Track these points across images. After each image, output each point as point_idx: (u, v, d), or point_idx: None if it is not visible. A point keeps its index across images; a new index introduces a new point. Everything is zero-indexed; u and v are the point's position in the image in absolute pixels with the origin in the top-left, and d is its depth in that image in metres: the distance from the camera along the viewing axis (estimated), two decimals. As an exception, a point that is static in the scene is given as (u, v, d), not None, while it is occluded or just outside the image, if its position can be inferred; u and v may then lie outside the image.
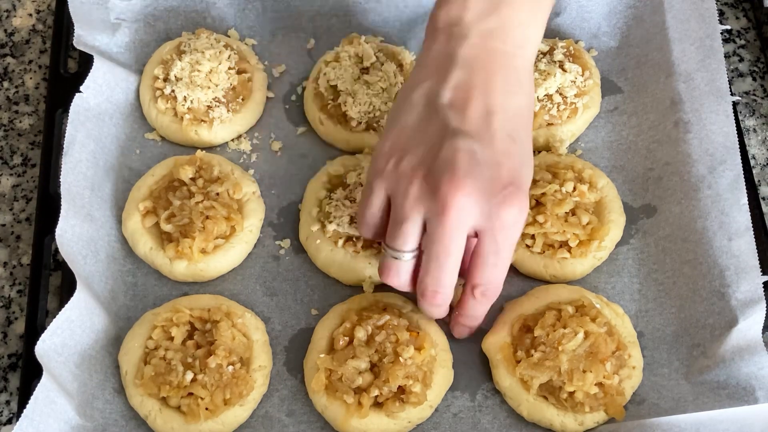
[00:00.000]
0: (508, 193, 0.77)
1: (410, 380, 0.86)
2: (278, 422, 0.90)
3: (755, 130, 1.08)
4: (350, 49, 1.04)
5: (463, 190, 0.76)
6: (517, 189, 0.78)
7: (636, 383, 0.89)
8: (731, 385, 0.86)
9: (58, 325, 0.85)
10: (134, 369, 0.89)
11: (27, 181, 1.06)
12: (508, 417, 0.90)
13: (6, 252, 1.02)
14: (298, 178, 1.04)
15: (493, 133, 0.78)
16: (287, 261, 0.99)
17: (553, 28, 1.11)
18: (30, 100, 1.11)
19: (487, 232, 0.78)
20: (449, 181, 0.76)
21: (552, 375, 0.86)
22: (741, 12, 1.16)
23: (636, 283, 0.96)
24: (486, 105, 0.78)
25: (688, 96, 1.00)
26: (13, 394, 0.94)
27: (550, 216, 0.93)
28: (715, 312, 0.90)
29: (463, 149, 0.76)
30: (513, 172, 0.78)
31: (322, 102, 1.04)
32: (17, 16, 1.17)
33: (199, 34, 1.07)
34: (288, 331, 0.95)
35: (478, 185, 0.76)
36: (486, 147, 0.77)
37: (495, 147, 0.78)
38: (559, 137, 1.02)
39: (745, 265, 0.90)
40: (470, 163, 0.76)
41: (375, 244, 0.95)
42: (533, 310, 0.92)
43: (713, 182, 0.95)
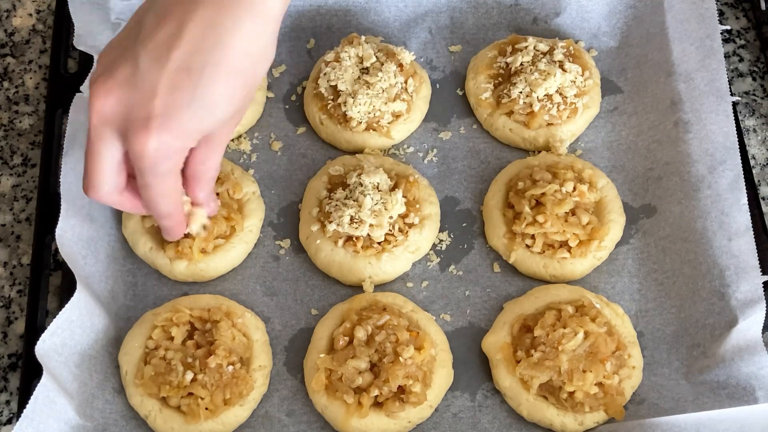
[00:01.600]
0: (149, 125, 0.70)
1: (410, 380, 0.86)
2: (278, 422, 0.90)
3: (755, 130, 1.08)
4: (350, 49, 1.04)
5: (105, 97, 0.71)
6: (163, 124, 0.70)
7: (636, 383, 0.89)
8: (731, 385, 0.86)
9: (58, 325, 0.85)
10: (134, 369, 0.89)
11: (27, 181, 1.06)
12: (508, 417, 0.90)
13: (6, 252, 1.02)
14: (298, 178, 1.04)
15: (168, 59, 0.70)
16: (287, 261, 0.99)
17: (553, 28, 1.11)
18: (30, 100, 1.11)
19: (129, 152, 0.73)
20: (99, 85, 0.72)
21: (552, 375, 0.86)
22: (741, 12, 1.16)
23: (636, 283, 0.96)
24: (178, 27, 0.70)
25: (688, 96, 1.00)
26: (13, 394, 0.94)
27: (550, 216, 0.93)
28: (715, 312, 0.90)
29: (129, 62, 0.71)
30: (168, 107, 0.70)
31: (322, 102, 1.04)
32: (17, 16, 1.17)
33: (199, 34, 1.07)
34: (288, 331, 0.95)
35: (122, 100, 0.71)
36: (153, 70, 0.70)
37: (162, 74, 0.70)
38: (559, 137, 1.02)
39: (745, 265, 0.90)
40: (127, 76, 0.71)
41: (375, 244, 0.95)
42: (533, 310, 0.92)
43: (713, 182, 0.95)
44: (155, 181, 0.75)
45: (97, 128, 0.73)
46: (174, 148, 0.73)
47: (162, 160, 0.72)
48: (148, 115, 0.70)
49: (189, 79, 0.70)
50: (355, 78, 1.03)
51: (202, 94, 0.71)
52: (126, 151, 0.74)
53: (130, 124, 0.71)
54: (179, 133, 0.72)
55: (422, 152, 1.05)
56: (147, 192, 0.76)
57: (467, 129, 1.06)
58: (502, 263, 0.98)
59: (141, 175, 0.74)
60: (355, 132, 1.02)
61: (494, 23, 1.12)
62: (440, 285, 0.97)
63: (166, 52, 0.70)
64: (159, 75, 0.70)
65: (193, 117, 0.71)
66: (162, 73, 0.70)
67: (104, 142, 0.73)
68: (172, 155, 0.73)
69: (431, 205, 0.99)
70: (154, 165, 0.73)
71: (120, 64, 0.72)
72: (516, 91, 1.02)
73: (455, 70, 1.10)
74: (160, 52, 0.70)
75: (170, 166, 0.74)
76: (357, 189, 0.96)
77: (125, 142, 0.72)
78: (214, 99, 0.71)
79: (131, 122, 0.71)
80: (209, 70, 0.70)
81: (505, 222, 0.97)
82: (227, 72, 0.71)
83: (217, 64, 0.70)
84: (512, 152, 1.05)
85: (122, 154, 0.75)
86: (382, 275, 0.95)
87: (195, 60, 0.70)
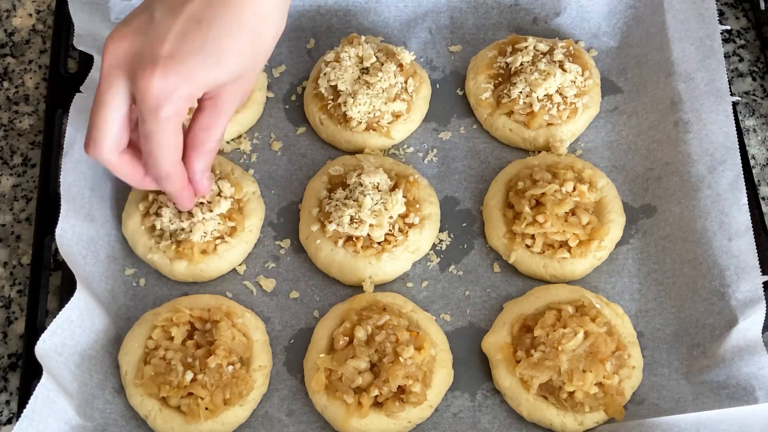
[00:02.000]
0: (155, 64, 0.74)
1: (410, 380, 0.86)
2: (278, 422, 0.90)
3: (755, 130, 1.08)
4: (350, 49, 1.04)
5: (118, 42, 0.75)
6: (170, 65, 0.74)
7: (636, 383, 0.89)
8: (731, 385, 0.86)
9: (58, 325, 0.85)
10: (134, 369, 0.89)
11: (27, 181, 1.06)
12: (508, 417, 0.90)
13: (6, 252, 1.02)
14: (298, 178, 1.04)
15: (182, 11, 0.75)
16: (287, 261, 0.99)
17: (553, 28, 1.11)
18: (30, 100, 1.11)
19: (135, 96, 0.76)
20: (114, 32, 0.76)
21: (552, 375, 0.86)
22: (741, 12, 1.16)
23: (636, 283, 0.96)
24: None
25: (688, 96, 1.00)
26: (13, 394, 0.94)
27: (550, 216, 0.93)
28: (715, 312, 0.90)
29: (146, 13, 0.76)
30: (176, 51, 0.74)
31: (322, 102, 1.04)
32: (17, 16, 1.17)
33: (199, 34, 1.07)
34: (288, 331, 0.95)
35: (135, 44, 0.75)
36: (167, 18, 0.75)
37: (174, 22, 0.75)
38: (559, 137, 1.02)
39: (745, 265, 0.90)
40: (142, 24, 0.75)
41: (375, 244, 0.95)
42: (533, 310, 0.92)
43: (713, 182, 0.95)
44: (157, 128, 0.76)
45: (107, 73, 0.75)
46: (178, 92, 0.74)
47: (165, 102, 0.74)
48: (156, 56, 0.73)
49: (199, 29, 0.74)
50: (355, 78, 1.03)
51: (211, 44, 0.74)
52: (132, 104, 0.76)
53: (138, 65, 0.74)
54: (185, 77, 0.74)
55: (422, 152, 1.05)
56: (147, 142, 0.78)
57: (467, 129, 1.07)
58: (502, 263, 0.98)
59: (143, 121, 0.76)
60: (355, 132, 1.02)
61: (494, 23, 1.12)
62: (440, 285, 0.97)
63: (180, 4, 0.74)
64: (171, 23, 0.74)
65: (200, 65, 0.74)
66: (174, 21, 0.74)
67: (113, 90, 0.75)
68: (176, 99, 0.75)
69: (431, 205, 0.99)
70: (157, 107, 0.74)
71: (137, 14, 0.76)
72: (516, 91, 1.02)
73: (455, 70, 1.10)
74: (175, 4, 0.75)
75: (173, 110, 0.75)
76: (357, 189, 0.96)
77: (133, 84, 0.74)
78: (221, 51, 0.75)
79: (139, 63, 0.74)
80: (219, 22, 0.74)
81: (505, 222, 0.97)
82: (236, 27, 0.75)
83: (227, 18, 0.75)
84: (512, 152, 1.05)
85: (128, 105, 0.77)
86: (382, 275, 0.95)
87: (206, 13, 0.74)
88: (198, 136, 0.82)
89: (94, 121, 0.77)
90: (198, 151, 0.83)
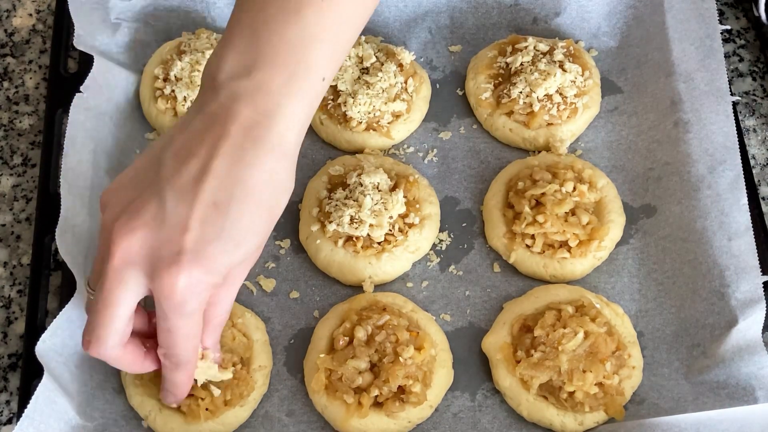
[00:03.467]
0: (180, 260, 0.69)
1: (410, 380, 0.86)
2: (278, 422, 0.90)
3: (755, 130, 1.08)
4: (350, 49, 1.04)
5: (130, 237, 0.70)
6: (194, 259, 0.69)
7: (636, 383, 0.89)
8: (731, 385, 0.86)
9: (58, 325, 0.85)
10: (134, 369, 0.89)
11: (27, 181, 1.06)
12: (508, 417, 0.90)
13: (6, 252, 1.02)
14: (298, 178, 1.02)
15: (196, 195, 0.70)
16: (287, 261, 0.99)
17: (553, 28, 1.11)
18: (30, 100, 1.11)
19: (154, 293, 0.71)
20: (121, 225, 0.70)
21: (552, 375, 0.86)
22: (741, 12, 1.16)
23: (636, 283, 0.96)
24: (204, 165, 0.70)
25: (688, 96, 1.00)
26: (13, 394, 0.94)
27: (550, 216, 0.93)
28: (715, 312, 0.90)
29: (153, 200, 0.70)
30: (198, 243, 0.69)
31: (322, 102, 1.04)
32: (17, 16, 1.17)
33: (199, 34, 1.07)
34: (288, 331, 0.95)
35: (149, 238, 0.70)
36: (181, 206, 0.70)
37: (191, 209, 0.70)
38: (559, 137, 1.02)
39: (745, 265, 0.90)
40: (154, 214, 0.70)
41: (375, 244, 0.95)
42: (533, 310, 0.92)
43: (713, 182, 0.95)
44: (181, 323, 0.72)
45: (118, 272, 0.70)
46: (204, 284, 0.71)
47: (191, 297, 0.71)
48: (180, 251, 0.69)
49: (217, 213, 0.70)
50: (355, 78, 1.03)
51: (231, 228, 0.70)
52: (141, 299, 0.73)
53: (158, 262, 0.69)
54: (210, 268, 0.70)
55: (422, 152, 1.05)
56: (169, 337, 0.74)
57: (467, 129, 1.07)
58: (502, 263, 0.98)
59: (165, 317, 0.72)
60: (355, 132, 1.02)
61: (494, 23, 1.12)
62: (440, 285, 0.97)
63: (193, 188, 0.70)
64: (189, 210, 0.69)
65: (222, 251, 0.70)
66: (192, 208, 0.69)
67: (124, 287, 0.71)
68: (202, 292, 0.71)
69: (431, 205, 0.99)
70: (182, 303, 0.70)
71: (143, 203, 0.71)
72: (516, 91, 1.02)
73: (455, 70, 1.10)
74: (187, 188, 0.70)
75: (198, 304, 0.72)
76: (357, 189, 0.96)
77: (151, 281, 0.70)
78: (241, 232, 0.71)
79: (160, 260, 0.69)
80: (236, 204, 0.70)
81: (505, 222, 0.97)
82: (252, 205, 0.71)
83: (243, 198, 0.70)
84: (512, 152, 1.05)
85: (138, 301, 0.73)
86: (382, 275, 0.95)
87: (222, 195, 0.70)
88: (208, 313, 0.76)
89: (100, 320, 0.72)
90: (209, 327, 0.78)
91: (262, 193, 0.72)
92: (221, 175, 0.70)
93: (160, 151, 0.73)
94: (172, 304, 0.70)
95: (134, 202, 0.71)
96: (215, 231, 0.70)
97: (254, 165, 0.71)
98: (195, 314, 0.73)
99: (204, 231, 0.69)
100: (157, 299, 0.71)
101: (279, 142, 0.72)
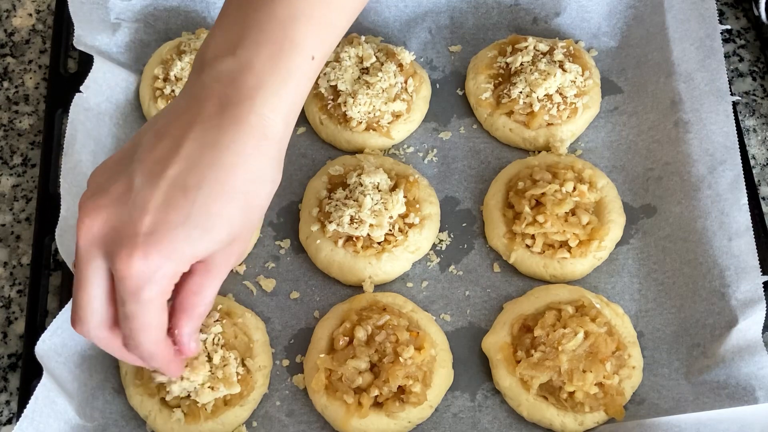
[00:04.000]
0: (135, 243, 0.66)
1: (410, 380, 0.86)
2: (278, 422, 0.90)
3: (755, 130, 1.08)
4: (350, 49, 1.04)
5: (94, 215, 0.67)
6: (151, 243, 0.66)
7: (636, 383, 0.89)
8: (731, 385, 0.86)
9: (58, 325, 0.85)
10: (134, 369, 0.89)
11: (27, 181, 1.06)
12: (508, 417, 0.90)
13: (6, 252, 1.02)
14: (298, 178, 1.04)
15: (163, 177, 0.66)
16: (287, 261, 0.99)
17: (553, 28, 1.11)
18: (30, 100, 1.11)
19: (115, 274, 0.67)
20: (89, 203, 0.68)
21: (552, 375, 0.86)
22: (741, 12, 1.15)
23: (636, 283, 0.96)
24: (174, 146, 0.67)
25: (688, 96, 1.00)
26: (13, 394, 0.94)
27: (550, 216, 0.93)
28: (715, 312, 0.90)
29: (123, 180, 0.68)
30: (158, 226, 0.66)
31: (322, 102, 1.04)
32: (17, 16, 1.17)
33: (199, 34, 1.07)
34: (288, 331, 0.95)
35: (112, 218, 0.67)
36: (147, 187, 0.67)
37: (155, 192, 0.66)
38: (559, 137, 1.02)
39: (745, 265, 0.90)
40: (120, 194, 0.67)
41: (375, 244, 0.95)
42: (533, 310, 0.92)
43: (713, 182, 0.95)
44: (138, 310, 0.68)
45: (84, 250, 0.68)
46: (162, 272, 0.66)
47: (147, 283, 0.66)
48: (136, 233, 0.66)
49: (184, 197, 0.66)
50: (355, 78, 1.03)
51: (198, 214, 0.66)
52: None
53: (116, 243, 0.66)
54: (169, 254, 0.66)
55: (422, 152, 1.05)
56: (127, 324, 0.69)
57: (467, 129, 1.07)
58: (502, 263, 0.98)
59: (122, 302, 0.68)
60: (355, 132, 1.02)
61: (494, 23, 1.12)
62: (440, 285, 0.97)
63: (162, 169, 0.66)
64: (152, 192, 0.66)
65: (186, 238, 0.66)
66: (155, 189, 0.66)
67: (92, 267, 0.68)
68: (159, 280, 0.67)
69: (431, 205, 0.99)
70: (138, 289, 0.67)
71: (113, 182, 0.68)
72: (516, 91, 1.02)
73: (455, 70, 1.10)
74: (155, 169, 0.67)
75: (155, 292, 0.67)
76: (357, 189, 0.96)
77: (111, 263, 0.67)
78: (210, 219, 0.67)
79: (118, 241, 0.66)
80: (206, 188, 0.66)
81: (505, 222, 0.97)
82: (225, 191, 0.67)
83: (214, 182, 0.66)
84: (512, 152, 1.05)
85: (110, 281, 0.70)
86: (382, 275, 0.95)
87: (191, 178, 0.66)
88: (188, 300, 0.72)
89: (76, 299, 0.70)
90: (187, 315, 0.73)
91: (237, 179, 0.67)
92: (192, 156, 0.67)
93: (143, 133, 0.71)
94: (126, 288, 0.67)
95: (107, 180, 0.69)
96: (179, 216, 0.66)
97: (229, 148, 0.67)
98: (153, 302, 0.68)
99: (167, 214, 0.66)
100: (116, 284, 0.68)
101: (260, 124, 0.68)
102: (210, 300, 0.74)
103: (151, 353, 0.72)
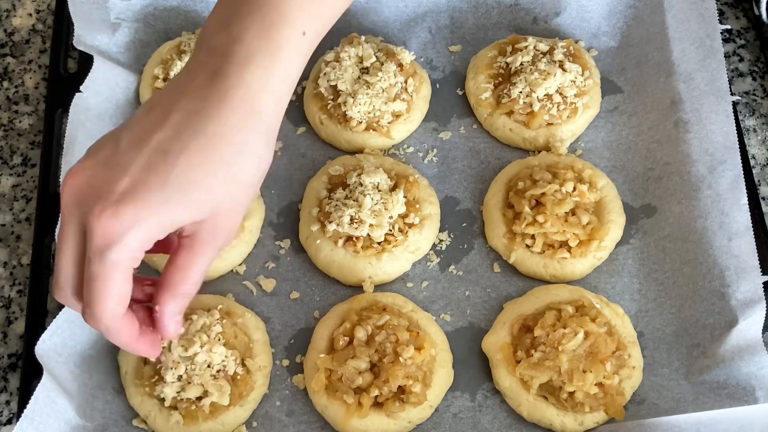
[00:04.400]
0: (109, 199, 0.64)
1: (410, 380, 0.86)
2: (278, 422, 0.90)
3: (755, 130, 1.08)
4: (350, 49, 1.04)
5: (77, 175, 0.67)
6: (126, 201, 0.64)
7: (636, 383, 0.89)
8: (731, 385, 0.86)
9: (58, 325, 0.85)
10: (134, 369, 0.89)
11: (27, 181, 1.06)
12: (508, 417, 0.90)
13: (6, 252, 1.02)
14: (298, 178, 1.04)
15: (147, 143, 0.66)
16: (287, 261, 0.99)
17: (553, 28, 1.11)
18: (30, 100, 1.11)
19: (87, 232, 0.65)
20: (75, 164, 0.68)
21: (552, 375, 0.86)
22: (741, 12, 1.15)
23: (636, 283, 0.96)
24: (162, 116, 0.67)
25: (688, 96, 1.00)
26: (13, 394, 0.94)
27: (550, 216, 0.93)
28: (715, 312, 0.90)
29: (110, 145, 0.68)
30: (138, 186, 0.65)
31: (322, 102, 1.04)
32: (17, 16, 1.17)
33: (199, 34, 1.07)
34: (288, 331, 0.95)
35: (94, 178, 0.66)
36: (131, 151, 0.66)
37: (137, 156, 0.66)
38: (559, 137, 1.02)
39: (745, 265, 0.90)
40: (106, 156, 0.67)
41: (375, 244, 0.95)
42: (533, 310, 0.92)
43: (713, 182, 0.95)
44: (100, 272, 0.65)
45: (65, 211, 0.67)
46: (132, 234, 0.64)
47: (114, 244, 0.64)
48: (111, 191, 0.64)
49: (164, 161, 0.65)
50: (355, 78, 1.03)
51: (176, 179, 0.65)
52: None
53: (90, 202, 0.65)
54: (144, 215, 0.64)
55: (422, 152, 1.05)
56: (88, 288, 0.66)
57: (467, 129, 1.07)
58: (502, 263, 0.98)
59: (88, 261, 0.66)
60: (355, 132, 1.02)
61: (494, 23, 1.12)
62: (440, 285, 0.97)
63: (148, 135, 0.66)
64: (135, 154, 0.66)
65: (162, 201, 0.65)
66: (138, 153, 0.66)
67: (69, 227, 0.67)
68: (128, 242, 0.64)
69: (431, 205, 0.99)
70: (104, 248, 0.64)
71: (101, 147, 0.69)
72: (516, 91, 1.02)
73: (455, 70, 1.10)
74: (142, 136, 0.67)
75: (122, 255, 0.65)
76: (357, 189, 0.96)
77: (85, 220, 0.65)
78: (188, 185, 0.65)
79: (92, 199, 0.65)
80: (187, 154, 0.65)
81: (505, 222, 0.97)
82: (207, 159, 0.66)
83: (197, 150, 0.66)
84: (512, 152, 1.05)
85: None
86: (382, 275, 0.95)
87: (174, 144, 0.66)
88: (172, 276, 0.70)
89: (56, 264, 0.69)
90: (171, 292, 0.70)
91: (221, 149, 0.67)
92: (178, 124, 0.66)
93: (138, 109, 0.72)
94: (93, 246, 0.65)
95: (97, 145, 0.69)
96: (158, 179, 0.65)
97: (214, 117, 0.66)
98: (118, 266, 0.65)
99: (146, 176, 0.65)
100: (88, 239, 0.66)
101: (249, 97, 0.67)
102: (196, 280, 0.71)
103: (108, 326, 0.68)
